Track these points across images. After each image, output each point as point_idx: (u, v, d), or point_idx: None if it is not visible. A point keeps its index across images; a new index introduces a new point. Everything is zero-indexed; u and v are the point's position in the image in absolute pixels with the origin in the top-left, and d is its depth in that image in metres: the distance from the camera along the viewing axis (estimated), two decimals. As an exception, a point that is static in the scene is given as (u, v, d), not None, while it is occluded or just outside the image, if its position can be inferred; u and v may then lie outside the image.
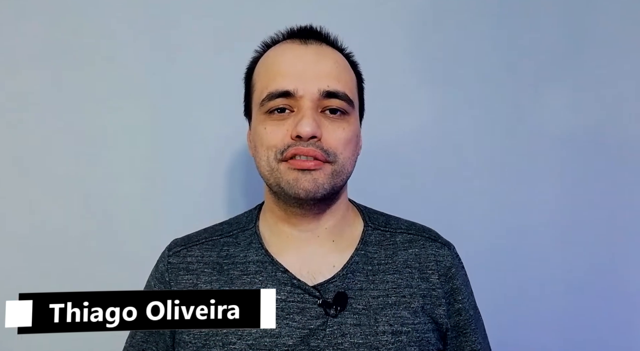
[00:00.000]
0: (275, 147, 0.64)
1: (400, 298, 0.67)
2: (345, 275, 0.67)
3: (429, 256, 0.71)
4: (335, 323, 0.63)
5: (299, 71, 0.64)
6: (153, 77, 1.00)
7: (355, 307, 0.65)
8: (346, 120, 0.66)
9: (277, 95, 0.63)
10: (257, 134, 0.67)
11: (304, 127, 0.61)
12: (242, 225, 0.73)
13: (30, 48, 0.96)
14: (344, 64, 0.69)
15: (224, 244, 0.71)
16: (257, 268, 0.67)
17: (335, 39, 0.72)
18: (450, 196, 1.10)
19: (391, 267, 0.69)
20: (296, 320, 0.63)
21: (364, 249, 0.70)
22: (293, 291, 0.65)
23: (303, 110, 0.63)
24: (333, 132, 0.64)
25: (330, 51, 0.69)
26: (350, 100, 0.66)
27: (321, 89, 0.63)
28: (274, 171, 0.64)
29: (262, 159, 0.65)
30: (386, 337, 0.64)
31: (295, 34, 0.70)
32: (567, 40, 1.16)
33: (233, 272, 0.67)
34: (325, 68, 0.65)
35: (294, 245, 0.69)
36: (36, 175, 0.96)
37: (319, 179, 0.63)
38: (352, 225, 0.73)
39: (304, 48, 0.67)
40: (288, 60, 0.66)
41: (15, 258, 0.94)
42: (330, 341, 0.62)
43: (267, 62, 0.69)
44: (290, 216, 0.69)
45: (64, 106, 0.97)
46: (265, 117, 0.65)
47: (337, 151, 0.64)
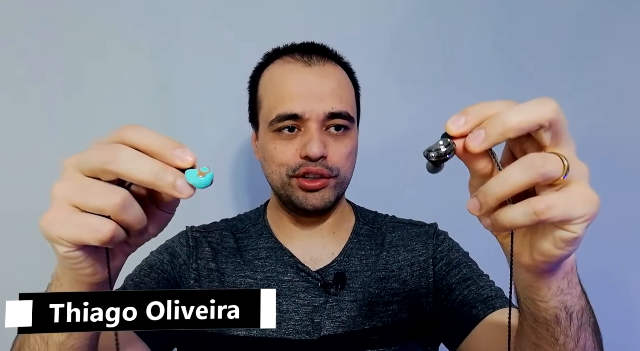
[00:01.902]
0: (287, 165, 0.71)
1: (389, 273, 0.74)
2: (342, 260, 0.75)
3: (411, 233, 0.79)
4: (334, 300, 0.71)
5: (305, 94, 0.70)
6: (154, 75, 1.01)
7: (352, 287, 0.72)
8: (347, 135, 0.73)
9: (286, 117, 0.70)
10: (267, 150, 0.73)
11: (313, 150, 0.68)
12: (253, 220, 0.82)
13: (31, 47, 0.96)
14: (344, 81, 0.74)
15: (239, 238, 0.79)
16: (268, 253, 0.76)
17: (335, 52, 0.77)
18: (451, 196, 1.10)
19: (380, 250, 0.77)
20: (301, 297, 0.71)
21: (357, 238, 0.79)
22: (298, 273, 0.74)
23: (311, 132, 0.70)
24: (337, 150, 0.71)
25: (332, 69, 0.73)
26: (351, 117, 0.73)
27: (326, 111, 0.70)
28: (285, 185, 0.72)
29: (274, 172, 0.73)
30: (378, 307, 0.71)
31: (297, 49, 0.74)
32: (565, 42, 1.16)
33: (247, 256, 0.76)
34: (329, 90, 0.71)
35: (298, 237, 0.78)
36: (36, 175, 0.96)
37: (325, 196, 0.71)
38: (347, 219, 0.81)
39: (308, 70, 0.71)
40: (294, 82, 0.71)
41: (15, 257, 0.94)
42: (330, 315, 0.70)
43: (273, 80, 0.74)
44: (295, 216, 0.77)
45: (65, 106, 0.97)
46: (275, 135, 0.72)
47: (340, 165, 0.72)
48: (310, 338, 0.68)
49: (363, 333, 0.69)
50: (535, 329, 0.45)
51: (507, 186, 0.33)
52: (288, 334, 0.69)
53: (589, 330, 0.46)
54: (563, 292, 0.42)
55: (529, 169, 0.33)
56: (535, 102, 0.34)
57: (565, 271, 0.41)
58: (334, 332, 0.69)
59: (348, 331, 0.69)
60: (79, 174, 0.35)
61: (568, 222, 0.34)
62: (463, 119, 0.35)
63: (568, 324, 0.43)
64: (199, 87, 1.03)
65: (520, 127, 0.33)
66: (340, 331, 0.69)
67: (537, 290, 0.42)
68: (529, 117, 0.33)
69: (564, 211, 0.33)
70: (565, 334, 0.44)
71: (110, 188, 0.34)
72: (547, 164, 0.33)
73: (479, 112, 0.35)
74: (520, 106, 0.34)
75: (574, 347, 0.45)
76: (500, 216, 0.34)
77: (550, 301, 0.42)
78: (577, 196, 0.34)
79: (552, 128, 0.34)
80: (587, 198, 0.34)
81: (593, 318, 0.47)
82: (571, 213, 0.34)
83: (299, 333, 0.69)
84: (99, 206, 0.34)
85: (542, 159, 0.33)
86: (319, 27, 1.04)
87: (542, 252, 0.37)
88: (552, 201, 0.33)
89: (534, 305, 0.43)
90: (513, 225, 0.34)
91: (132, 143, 0.34)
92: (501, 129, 0.33)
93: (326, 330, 0.69)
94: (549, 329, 0.44)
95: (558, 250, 0.36)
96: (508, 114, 0.33)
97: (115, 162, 0.33)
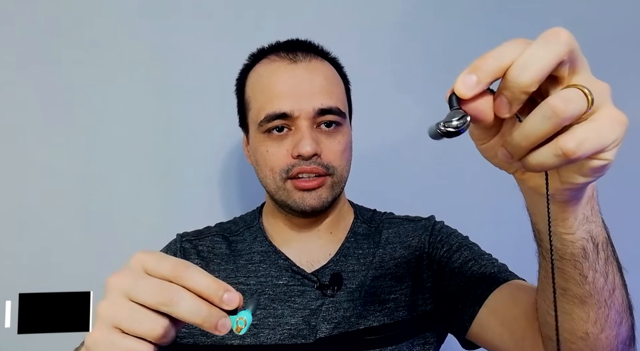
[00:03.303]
0: (279, 168, 0.69)
1: (385, 271, 0.72)
2: (338, 260, 0.73)
3: (407, 229, 0.77)
4: (331, 301, 0.69)
5: (293, 91, 0.68)
6: (147, 79, 1.01)
7: (349, 287, 0.70)
8: (340, 131, 0.71)
9: (275, 117, 0.68)
10: (258, 153, 0.71)
11: (305, 148, 0.66)
12: (247, 223, 0.80)
13: (31, 47, 0.96)
14: (332, 75, 0.73)
15: (232, 242, 0.77)
16: (262, 257, 0.74)
17: (321, 48, 0.75)
18: (451, 197, 1.09)
19: (377, 248, 0.75)
20: (297, 302, 0.69)
21: (354, 236, 0.77)
22: (293, 276, 0.71)
23: (301, 130, 0.68)
24: (330, 147, 0.69)
25: (319, 64, 0.72)
26: (342, 112, 0.70)
27: (315, 108, 0.68)
28: (280, 189, 0.70)
29: (267, 177, 0.71)
30: (373, 306, 0.69)
31: (282, 47, 0.73)
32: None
33: (240, 261, 0.74)
34: (317, 85, 0.69)
35: (295, 239, 0.75)
36: (36, 174, 0.96)
37: (322, 195, 0.69)
38: (345, 218, 0.79)
39: (294, 66, 0.70)
40: (281, 81, 0.69)
41: (15, 257, 0.94)
42: (325, 317, 0.67)
43: (261, 80, 0.72)
44: (292, 218, 0.75)
45: (65, 106, 0.97)
46: (265, 137, 0.70)
47: (335, 163, 0.70)
48: (306, 341, 0.66)
49: (358, 333, 0.67)
50: (563, 269, 0.43)
51: (532, 138, 0.31)
52: (284, 339, 0.67)
53: (615, 264, 0.44)
54: (588, 220, 0.40)
55: (552, 117, 0.30)
56: (542, 43, 0.30)
57: (588, 196, 0.39)
58: (329, 334, 0.67)
59: (343, 332, 0.67)
60: (126, 300, 0.37)
61: (600, 152, 0.32)
62: (474, 79, 0.31)
63: (596, 257, 0.42)
64: (194, 90, 1.02)
65: (539, 78, 0.30)
66: (335, 333, 0.67)
67: (563, 222, 0.40)
68: (543, 64, 0.30)
69: (595, 143, 0.31)
70: (594, 269, 0.42)
71: (154, 318, 0.37)
72: (570, 106, 0.30)
73: (492, 66, 0.31)
74: (531, 54, 0.30)
75: (604, 284, 0.43)
76: (529, 161, 0.32)
77: (577, 232, 0.40)
78: (605, 122, 0.31)
79: (571, 59, 0.31)
80: (615, 120, 0.32)
81: (616, 253, 0.45)
82: (603, 142, 0.31)
83: (294, 337, 0.67)
84: (142, 334, 0.37)
85: (564, 102, 0.30)
86: (319, 27, 1.03)
87: (567, 180, 0.35)
88: (582, 135, 0.30)
89: (560, 240, 0.41)
90: (544, 168, 0.32)
91: (187, 286, 0.37)
92: (520, 89, 0.31)
93: (322, 332, 0.67)
94: (576, 265, 0.42)
95: (584, 178, 0.34)
96: (517, 72, 0.30)
97: (172, 305, 0.36)
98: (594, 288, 0.43)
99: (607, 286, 0.44)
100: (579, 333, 0.46)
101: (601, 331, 0.46)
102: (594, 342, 0.46)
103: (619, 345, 0.47)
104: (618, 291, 0.45)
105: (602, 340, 0.46)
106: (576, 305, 0.45)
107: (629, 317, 0.48)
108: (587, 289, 0.43)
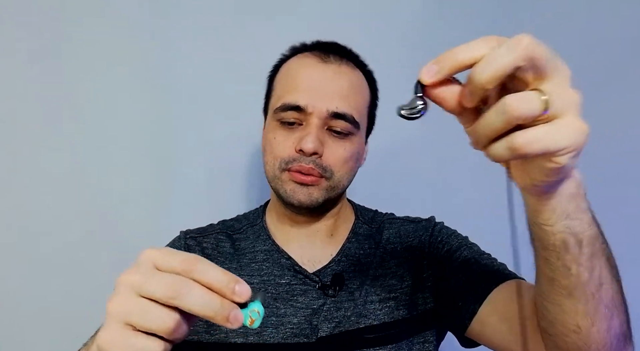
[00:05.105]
0: (280, 158, 0.70)
1: (386, 270, 0.73)
2: (340, 260, 0.74)
3: (408, 230, 0.78)
4: (332, 301, 0.70)
5: (313, 87, 0.69)
6: (155, 76, 1.01)
7: (350, 287, 0.71)
8: (349, 140, 0.71)
9: (290, 107, 0.69)
10: (267, 139, 0.73)
11: (307, 144, 0.67)
12: (251, 221, 0.81)
13: (31, 47, 0.96)
14: (358, 84, 0.73)
15: (236, 240, 0.77)
16: (265, 256, 0.74)
17: (358, 56, 0.76)
18: (451, 198, 1.10)
19: (378, 248, 0.76)
20: (299, 301, 0.70)
21: (355, 237, 0.78)
22: (296, 276, 0.72)
23: (310, 127, 0.68)
24: (335, 150, 0.70)
25: (349, 70, 0.72)
26: (356, 122, 0.70)
27: (330, 109, 0.68)
28: (276, 178, 0.71)
29: (268, 163, 0.72)
30: (374, 305, 0.70)
31: (319, 47, 0.74)
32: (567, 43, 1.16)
33: (243, 260, 0.74)
34: (338, 88, 0.69)
35: (296, 238, 0.76)
36: (37, 174, 0.96)
37: (313, 194, 0.70)
38: (347, 220, 0.80)
39: (323, 66, 0.70)
40: (306, 75, 0.71)
41: (16, 257, 0.94)
42: (327, 317, 0.68)
43: (289, 71, 0.74)
44: (292, 215, 0.76)
45: (65, 106, 0.97)
46: (277, 125, 0.71)
47: (335, 168, 0.70)
48: (308, 340, 0.67)
49: (359, 332, 0.68)
50: (548, 260, 0.45)
51: (487, 131, 0.35)
52: (286, 338, 0.67)
53: (603, 260, 0.46)
54: (569, 217, 0.42)
55: (505, 114, 0.33)
56: (506, 46, 0.33)
57: (570, 194, 0.41)
58: (330, 333, 0.67)
59: (344, 331, 0.68)
60: (136, 296, 0.37)
61: (551, 155, 0.35)
62: (435, 68, 0.36)
63: (578, 251, 0.43)
64: (199, 86, 1.02)
65: (496, 78, 0.33)
66: (336, 332, 0.68)
67: (540, 214, 0.42)
68: (500, 66, 0.33)
69: (544, 145, 0.34)
70: (577, 263, 0.44)
71: (165, 313, 0.37)
72: (522, 106, 0.33)
73: (452, 61, 0.35)
74: (493, 56, 0.33)
75: (589, 278, 0.45)
76: (488, 151, 0.36)
77: (555, 225, 0.42)
78: (562, 128, 0.34)
79: (531, 65, 0.33)
80: (573, 129, 0.34)
81: (608, 250, 0.47)
82: (553, 146, 0.34)
83: (297, 336, 0.67)
84: (154, 329, 0.37)
85: (517, 102, 0.33)
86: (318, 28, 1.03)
87: (532, 177, 0.39)
88: (533, 135, 0.33)
89: (540, 229, 0.43)
90: (498, 159, 0.36)
91: (198, 279, 0.37)
92: (478, 85, 0.34)
93: (323, 331, 0.67)
94: (559, 257, 0.44)
95: (545, 177, 0.38)
96: (479, 69, 0.33)
97: (181, 298, 0.36)
98: (578, 281, 0.45)
99: (592, 280, 0.45)
100: (571, 326, 0.48)
101: (592, 325, 0.47)
102: (587, 336, 0.48)
103: (613, 339, 0.48)
104: (607, 286, 0.46)
105: (594, 333, 0.47)
106: (564, 297, 0.47)
107: (622, 313, 0.49)
108: (573, 281, 0.45)
